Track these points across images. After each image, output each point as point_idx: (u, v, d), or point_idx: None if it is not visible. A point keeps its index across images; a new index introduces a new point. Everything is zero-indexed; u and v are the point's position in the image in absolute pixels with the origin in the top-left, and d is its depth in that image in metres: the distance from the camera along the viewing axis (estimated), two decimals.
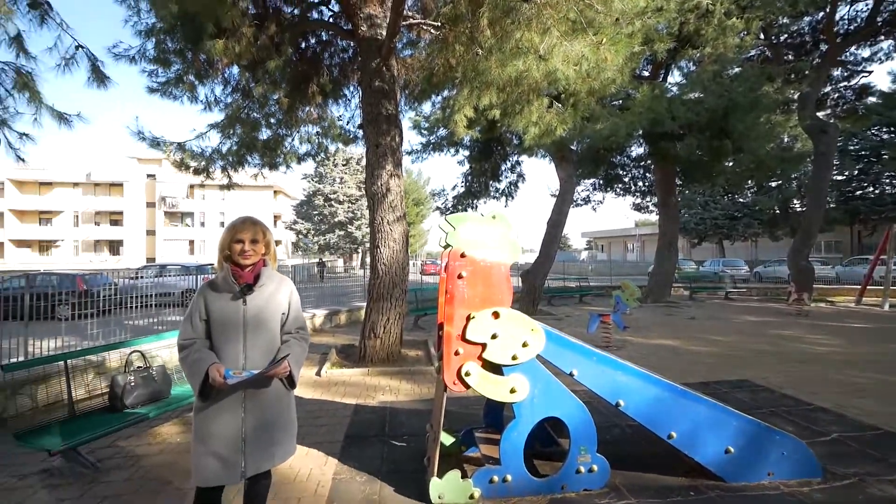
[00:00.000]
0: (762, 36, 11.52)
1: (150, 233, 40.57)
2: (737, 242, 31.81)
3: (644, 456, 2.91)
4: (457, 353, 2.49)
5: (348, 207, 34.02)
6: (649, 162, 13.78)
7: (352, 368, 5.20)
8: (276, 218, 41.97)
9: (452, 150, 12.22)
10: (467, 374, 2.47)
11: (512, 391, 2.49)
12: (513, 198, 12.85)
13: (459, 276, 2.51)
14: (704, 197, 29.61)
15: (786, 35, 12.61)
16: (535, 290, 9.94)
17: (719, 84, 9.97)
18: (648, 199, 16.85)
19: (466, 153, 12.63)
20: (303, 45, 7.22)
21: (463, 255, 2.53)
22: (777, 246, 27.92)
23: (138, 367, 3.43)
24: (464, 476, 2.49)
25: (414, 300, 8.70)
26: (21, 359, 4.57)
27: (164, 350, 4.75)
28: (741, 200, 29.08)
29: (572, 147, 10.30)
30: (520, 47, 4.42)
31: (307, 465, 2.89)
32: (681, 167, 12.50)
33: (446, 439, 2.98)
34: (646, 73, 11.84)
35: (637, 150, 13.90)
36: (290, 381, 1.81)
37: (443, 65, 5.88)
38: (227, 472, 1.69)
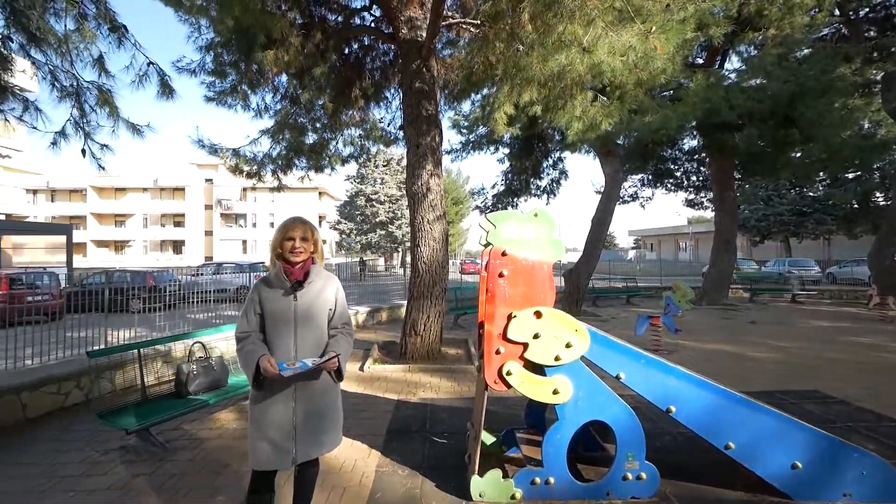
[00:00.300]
0: (837, 12, 10.44)
1: (208, 233, 43.62)
2: (806, 241, 28.87)
3: (698, 466, 2.74)
4: (498, 352, 2.47)
5: (389, 207, 34.75)
6: (704, 155, 12.92)
7: (393, 365, 5.31)
8: (321, 218, 43.68)
9: (492, 149, 12.13)
10: (508, 373, 2.44)
11: (555, 392, 2.43)
12: (555, 195, 12.55)
13: (500, 275, 2.49)
14: (767, 191, 27.15)
15: (867, 9, 11.32)
16: (579, 290, 9.65)
17: (785, 68, 9.15)
18: (703, 194, 15.71)
19: (506, 151, 12.49)
20: (346, 51, 7.46)
21: (504, 254, 2.50)
22: (855, 245, 25.18)
23: (199, 357, 3.70)
24: (505, 476, 2.47)
25: (454, 299, 8.74)
26: (101, 347, 5.09)
27: (221, 342, 5.10)
28: (811, 194, 26.26)
29: (618, 141, 9.89)
30: (562, 41, 4.31)
31: (352, 457, 2.99)
32: (739, 160, 11.61)
33: (487, 438, 2.97)
34: (700, 61, 11.12)
35: (690, 143, 13.09)
36: (339, 375, 1.89)
37: (482, 62, 5.85)
38: (280, 457, 1.79)
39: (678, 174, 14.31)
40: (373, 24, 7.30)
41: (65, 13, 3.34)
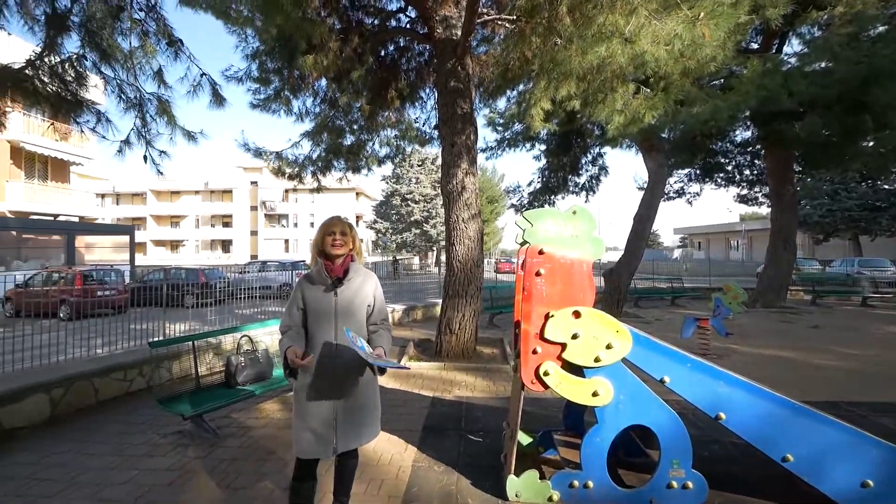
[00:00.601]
0: None
1: (253, 233, 45.92)
2: (879, 238, 26.01)
3: (750, 478, 2.58)
4: (535, 352, 2.43)
5: (424, 207, 35.06)
6: (759, 147, 12.03)
7: (428, 362, 5.36)
8: (358, 218, 44.79)
9: (528, 145, 11.92)
10: (546, 373, 2.40)
11: (594, 395, 2.36)
12: (594, 192, 12.15)
13: (537, 274, 2.45)
14: (833, 185, 24.80)
15: None
16: (620, 291, 9.30)
17: (855, 49, 8.33)
18: (758, 189, 14.52)
19: (543, 147, 12.23)
20: (382, 53, 7.60)
21: (541, 252, 2.46)
22: None
23: (246, 350, 3.91)
24: (542, 477, 2.43)
25: (489, 298, 8.69)
26: (161, 339, 5.49)
27: (266, 336, 5.35)
28: (886, 187, 23.62)
29: (663, 135, 9.42)
30: (602, 32, 4.17)
31: (389, 450, 3.05)
32: (800, 151, 10.71)
33: (523, 439, 2.94)
34: (755, 46, 10.37)
35: (743, 135, 12.22)
36: (381, 369, 1.94)
37: (518, 58, 5.77)
38: (322, 446, 1.86)
39: (729, 168, 13.39)
40: (408, 26, 7.39)
41: (130, 31, 3.64)
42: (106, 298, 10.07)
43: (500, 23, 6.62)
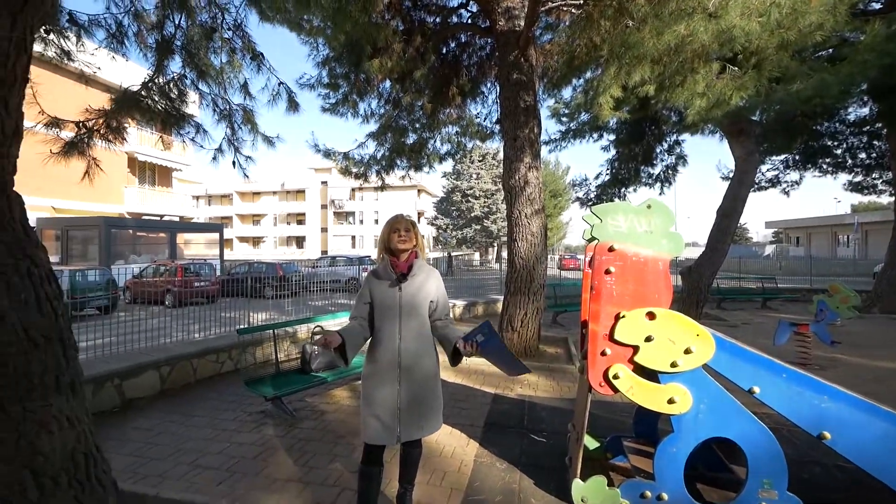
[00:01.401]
0: None
1: (324, 230, 48.98)
2: None
3: None
4: (603, 354, 2.32)
5: (484, 202, 34.91)
6: (879, 126, 10.27)
7: None
8: (420, 214, 45.82)
9: (595, 136, 11.30)
10: (615, 376, 2.28)
11: (670, 402, 2.20)
12: (670, 184, 11.20)
13: (607, 272, 2.33)
14: None
15: None
16: (700, 290, 8.53)
17: None
18: (876, 175, 12.18)
19: (612, 137, 11.54)
20: (443, 50, 7.66)
21: (611, 249, 2.33)
22: None
23: (319, 332, 4.18)
24: (610, 484, 2.32)
25: (552, 296, 8.45)
26: (247, 326, 6.07)
27: (336, 327, 5.69)
28: None
29: (753, 118, 8.42)
30: (682, 9, 3.83)
31: (451, 444, 3.10)
32: None
33: (590, 443, 2.82)
34: (876, 6, 8.84)
35: (859, 112, 10.46)
36: (457, 358, 1.97)
37: (585, 44, 5.50)
38: (386, 434, 1.94)
39: (838, 152, 11.57)
40: (469, 21, 7.36)
41: (220, 49, 4.05)
42: (201, 289, 11.37)
43: (565, 9, 6.36)
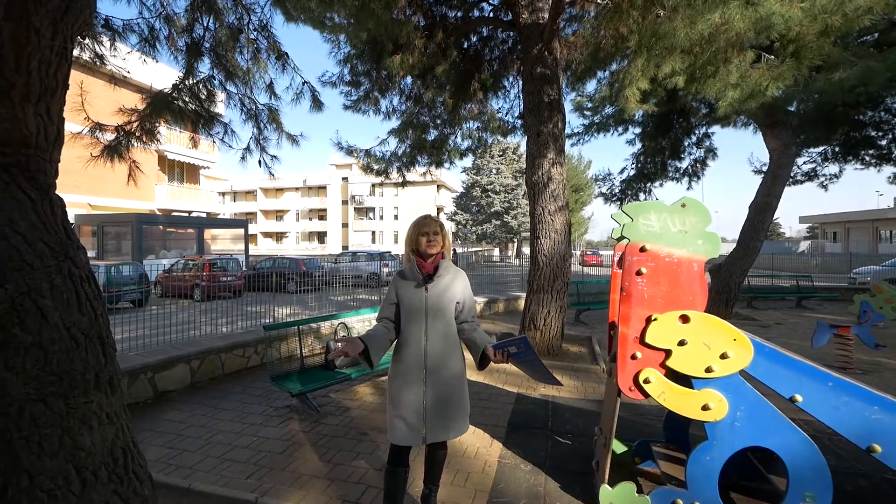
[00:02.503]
0: None
1: (344, 225, 49.62)
2: None
3: None
4: (633, 357, 2.25)
5: (504, 197, 34.60)
6: None
7: None
8: (439, 210, 45.81)
9: (620, 129, 10.98)
10: (646, 381, 2.21)
11: (704, 408, 2.12)
12: (699, 178, 10.79)
13: (638, 273, 2.25)
14: None
15: None
16: (730, 289, 8.22)
17: None
18: None
19: (637, 130, 11.21)
20: (465, 45, 7.57)
21: (643, 250, 2.25)
22: None
23: (343, 336, 4.23)
24: (639, 491, 2.26)
25: (575, 293, 8.30)
26: (269, 321, 6.20)
27: (358, 323, 5.74)
28: None
29: (789, 108, 8.00)
30: None
31: (475, 444, 3.08)
32: None
33: (617, 447, 2.76)
34: None
35: None
36: (483, 362, 1.94)
37: (612, 35, 5.34)
38: (412, 434, 1.94)
39: (883, 143, 10.90)
40: (491, 14, 7.24)
41: (246, 50, 4.12)
42: (227, 284, 11.70)
43: (590, 0, 6.18)
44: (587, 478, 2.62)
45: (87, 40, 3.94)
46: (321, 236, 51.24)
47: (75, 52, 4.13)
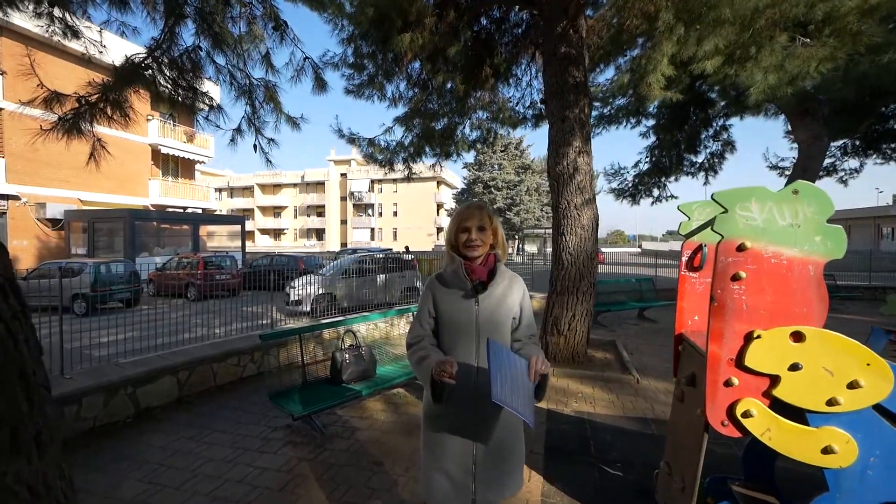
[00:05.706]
0: None
1: (343, 222, 49.00)
2: None
3: None
4: (728, 384, 1.78)
5: (507, 194, 34.08)
6: None
7: None
8: (439, 207, 45.24)
9: (633, 121, 10.52)
10: (745, 414, 1.74)
11: (826, 451, 1.65)
12: (716, 172, 10.34)
13: (734, 278, 1.77)
14: None
15: None
16: None
17: None
18: None
19: (651, 123, 10.73)
20: (476, 28, 7.07)
21: (741, 248, 1.77)
22: None
23: (350, 346, 3.74)
24: None
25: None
26: (267, 322, 5.71)
27: (371, 331, 5.26)
28: None
29: (821, 97, 7.54)
30: None
31: None
32: None
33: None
34: None
35: None
36: (541, 391, 1.45)
37: (640, 13, 4.86)
38: (458, 496, 1.46)
39: None
40: None
41: (239, 18, 3.61)
42: (223, 282, 11.18)
43: None
44: None
45: (55, 9, 3.43)
46: (319, 233, 50.61)
47: (48, 30, 3.62)
